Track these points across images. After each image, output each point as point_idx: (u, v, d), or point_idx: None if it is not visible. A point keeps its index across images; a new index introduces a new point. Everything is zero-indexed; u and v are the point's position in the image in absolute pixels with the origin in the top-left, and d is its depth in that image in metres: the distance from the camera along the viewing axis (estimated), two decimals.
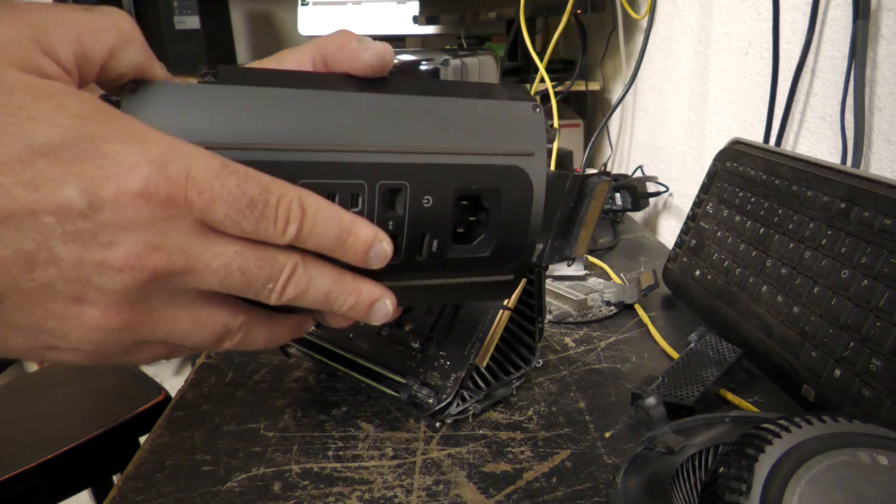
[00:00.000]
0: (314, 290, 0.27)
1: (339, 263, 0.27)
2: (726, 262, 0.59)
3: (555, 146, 0.88)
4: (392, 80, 0.30)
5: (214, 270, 0.24)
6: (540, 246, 0.37)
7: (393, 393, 0.46)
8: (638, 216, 0.98)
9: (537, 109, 0.32)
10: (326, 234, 0.26)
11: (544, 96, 1.01)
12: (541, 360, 0.54)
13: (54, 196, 0.20)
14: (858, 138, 0.57)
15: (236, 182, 0.23)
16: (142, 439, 0.59)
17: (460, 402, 0.46)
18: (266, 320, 0.29)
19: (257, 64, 0.30)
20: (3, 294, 0.21)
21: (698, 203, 0.66)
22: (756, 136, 0.73)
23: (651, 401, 0.39)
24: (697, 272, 0.62)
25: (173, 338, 0.25)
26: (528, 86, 1.13)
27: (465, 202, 0.31)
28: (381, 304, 0.29)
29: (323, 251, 0.26)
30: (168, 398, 1.01)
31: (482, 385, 0.47)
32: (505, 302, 0.47)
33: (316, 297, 0.27)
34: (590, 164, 1.22)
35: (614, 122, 1.23)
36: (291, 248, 0.26)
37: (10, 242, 0.20)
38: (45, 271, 0.21)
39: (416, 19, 1.54)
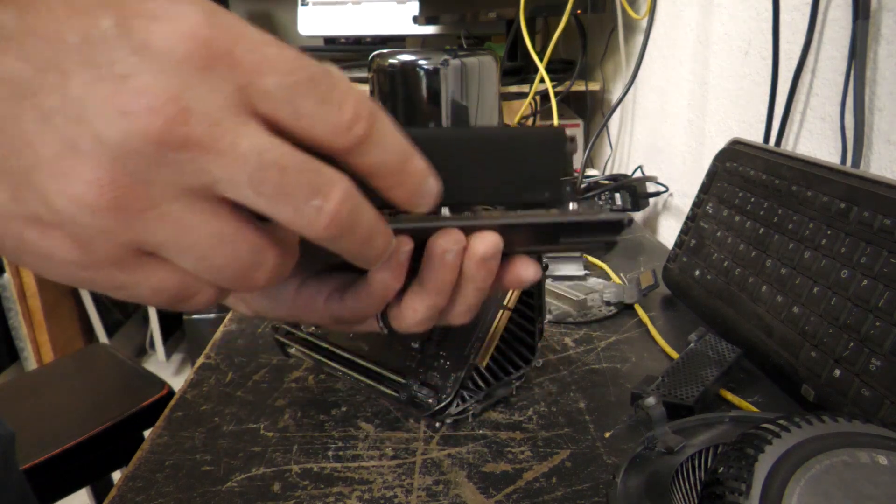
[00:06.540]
0: (362, 224, 0.21)
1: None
2: (726, 262, 0.59)
3: None
4: None
5: (243, 156, 0.18)
6: None
7: (393, 393, 0.46)
8: (638, 216, 0.98)
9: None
10: (393, 149, 0.21)
11: (544, 96, 1.01)
12: (541, 360, 0.54)
13: (88, 18, 0.17)
14: (858, 138, 0.57)
15: (295, 55, 0.19)
16: (146, 433, 0.60)
17: (460, 402, 0.46)
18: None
19: None
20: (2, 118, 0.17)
21: (698, 203, 0.66)
22: (756, 136, 0.73)
23: (651, 401, 0.39)
24: (697, 272, 0.62)
25: (183, 254, 0.19)
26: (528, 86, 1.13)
27: None
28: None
29: (378, 173, 0.21)
30: (172, 392, 1.01)
31: (482, 385, 0.47)
32: (505, 302, 0.47)
33: (360, 235, 0.21)
34: (590, 163, 1.23)
35: (614, 122, 1.23)
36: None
37: (30, 54, 0.17)
38: (49, 97, 0.17)
39: (416, 19, 1.54)
